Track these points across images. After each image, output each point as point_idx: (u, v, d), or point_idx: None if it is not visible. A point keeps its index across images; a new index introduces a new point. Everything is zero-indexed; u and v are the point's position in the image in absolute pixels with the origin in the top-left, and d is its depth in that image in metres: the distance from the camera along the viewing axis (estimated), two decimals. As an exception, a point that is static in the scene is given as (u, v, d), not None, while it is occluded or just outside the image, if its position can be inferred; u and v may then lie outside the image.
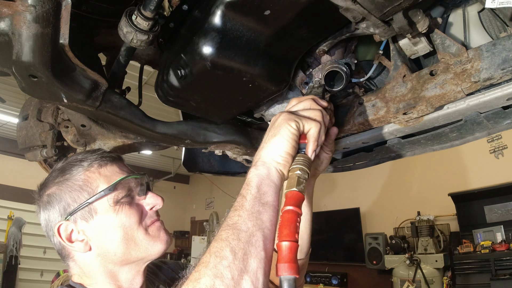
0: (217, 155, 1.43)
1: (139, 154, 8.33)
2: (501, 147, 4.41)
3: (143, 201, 0.88)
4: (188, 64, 0.88)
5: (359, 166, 1.39)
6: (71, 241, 0.81)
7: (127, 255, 0.82)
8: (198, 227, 9.64)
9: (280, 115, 0.72)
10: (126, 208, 0.83)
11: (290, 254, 0.55)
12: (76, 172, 0.84)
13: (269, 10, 0.78)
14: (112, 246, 0.81)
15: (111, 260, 0.82)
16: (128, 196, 0.84)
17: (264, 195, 0.64)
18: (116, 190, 0.82)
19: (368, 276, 5.35)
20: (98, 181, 0.83)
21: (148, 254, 0.84)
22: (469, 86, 0.77)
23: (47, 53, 0.72)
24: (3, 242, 6.29)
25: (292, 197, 0.63)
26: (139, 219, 0.84)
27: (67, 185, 0.83)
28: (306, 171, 0.67)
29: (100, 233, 0.81)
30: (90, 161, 0.85)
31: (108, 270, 0.83)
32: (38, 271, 7.20)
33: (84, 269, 0.84)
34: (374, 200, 5.70)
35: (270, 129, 0.73)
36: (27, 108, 1.43)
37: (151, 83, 1.36)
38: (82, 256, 0.83)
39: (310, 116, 0.73)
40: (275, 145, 0.68)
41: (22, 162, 6.60)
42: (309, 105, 0.77)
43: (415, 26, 0.77)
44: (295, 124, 0.69)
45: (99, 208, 0.81)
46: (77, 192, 0.82)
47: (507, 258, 3.56)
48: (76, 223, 0.81)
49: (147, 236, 0.84)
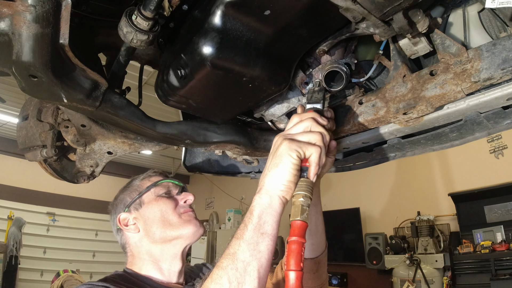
0: (217, 155, 1.43)
1: (139, 154, 8.33)
2: (501, 147, 4.41)
3: (178, 197, 1.15)
4: (188, 64, 0.88)
5: (359, 166, 1.39)
6: (127, 225, 1.08)
7: (164, 233, 1.05)
8: (198, 227, 9.63)
9: (282, 143, 0.74)
10: (164, 199, 1.11)
11: (296, 282, 0.63)
12: (134, 182, 1.17)
13: (269, 10, 0.78)
14: (153, 226, 1.06)
15: (153, 238, 1.06)
16: (167, 193, 1.13)
17: (264, 224, 0.70)
18: (157, 186, 1.13)
19: (368, 276, 5.35)
20: (147, 184, 1.14)
21: (180, 234, 1.07)
22: (469, 86, 0.77)
23: (47, 53, 0.72)
24: (3, 242, 6.28)
25: (297, 227, 0.68)
26: (174, 207, 1.10)
27: (128, 190, 1.15)
28: (309, 197, 0.71)
29: (145, 217, 1.08)
30: (144, 175, 1.19)
31: (151, 250, 1.06)
32: (38, 271, 7.19)
33: (135, 252, 1.08)
34: (374, 200, 5.70)
35: (272, 156, 0.75)
36: (27, 108, 1.43)
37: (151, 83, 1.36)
38: (134, 239, 1.08)
39: (310, 141, 0.75)
40: (277, 175, 0.72)
41: (22, 162, 6.60)
42: (310, 126, 0.79)
43: (415, 26, 0.77)
44: (296, 154, 0.71)
45: (146, 199, 1.10)
46: (133, 193, 1.13)
47: (507, 258, 3.56)
48: (131, 213, 1.09)
49: (180, 219, 1.08)
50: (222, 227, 7.98)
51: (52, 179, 1.60)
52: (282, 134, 0.79)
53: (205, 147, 1.27)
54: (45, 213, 7.63)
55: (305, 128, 0.79)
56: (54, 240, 7.51)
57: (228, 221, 7.72)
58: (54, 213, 7.68)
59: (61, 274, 4.82)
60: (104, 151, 1.36)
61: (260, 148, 1.29)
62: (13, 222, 6.64)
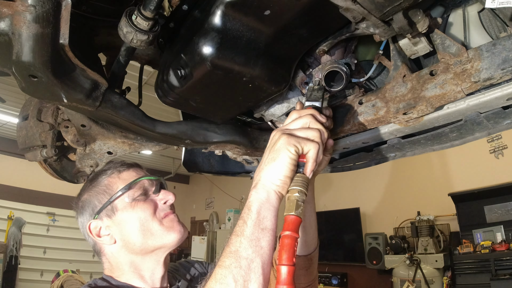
0: (217, 155, 1.43)
1: (139, 154, 8.33)
2: (501, 147, 4.41)
3: (157, 197, 1.01)
4: (188, 64, 0.88)
5: (359, 166, 1.39)
6: (100, 236, 0.96)
7: (145, 244, 0.94)
8: (198, 227, 9.65)
9: (280, 137, 0.73)
10: (141, 203, 0.96)
11: (288, 277, 0.61)
12: (101, 179, 1.00)
13: (269, 10, 0.78)
14: (131, 237, 0.94)
15: (132, 250, 0.95)
16: (144, 195, 0.98)
17: (264, 219, 0.69)
18: (131, 189, 0.97)
19: (368, 276, 5.35)
20: (117, 184, 0.98)
21: (163, 243, 0.96)
22: (469, 86, 0.77)
23: (47, 53, 0.72)
24: (3, 242, 6.29)
25: (291, 222, 0.66)
26: (153, 212, 0.97)
27: (95, 191, 0.99)
28: (304, 192, 0.70)
29: (121, 227, 0.95)
30: (112, 169, 1.02)
31: (132, 260, 0.96)
32: (38, 271, 7.20)
33: (112, 262, 0.97)
34: (374, 200, 5.70)
35: (270, 151, 0.74)
36: (27, 108, 1.43)
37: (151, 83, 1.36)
38: (110, 249, 0.97)
39: (309, 137, 0.74)
40: (275, 169, 0.71)
41: (22, 162, 6.60)
42: (308, 122, 0.78)
43: (415, 26, 0.77)
44: (294, 149, 0.70)
45: (119, 205, 0.96)
46: (102, 195, 0.97)
47: (507, 258, 3.56)
48: (102, 220, 0.96)
49: (161, 226, 0.96)
50: (222, 227, 7.99)
51: (52, 179, 1.60)
52: (280, 129, 0.78)
53: (205, 147, 1.27)
54: (45, 213, 7.63)
55: (304, 124, 0.78)
56: (54, 240, 7.52)
57: (228, 221, 7.72)
58: (54, 213, 7.69)
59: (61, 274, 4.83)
60: (104, 151, 1.36)
61: (260, 148, 1.29)
62: (13, 222, 6.64)
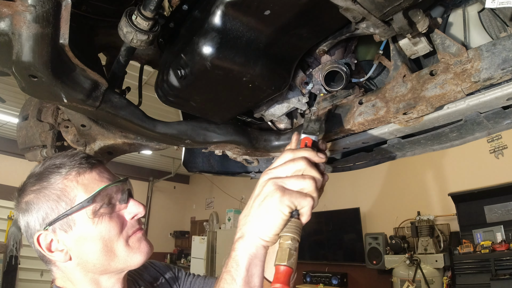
0: (217, 155, 1.43)
1: (139, 154, 8.33)
2: (501, 147, 4.41)
3: (124, 210, 0.85)
4: (188, 64, 0.88)
5: (359, 166, 1.39)
6: (51, 251, 0.81)
7: (106, 266, 0.82)
8: (198, 227, 9.65)
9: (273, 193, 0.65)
10: (106, 220, 0.81)
11: None
12: (53, 180, 0.81)
13: (269, 10, 0.78)
14: (91, 257, 0.80)
15: (90, 269, 0.82)
16: (108, 205, 0.82)
17: (253, 276, 0.66)
18: (94, 201, 0.80)
19: (368, 276, 5.35)
20: (76, 190, 0.80)
21: (127, 266, 0.84)
22: (469, 86, 0.77)
23: (47, 53, 0.72)
24: (3, 242, 6.29)
25: (282, 274, 0.64)
26: (119, 231, 0.82)
27: (45, 194, 0.81)
28: (297, 239, 0.67)
29: (79, 245, 0.80)
30: (68, 168, 0.82)
31: (89, 278, 0.84)
32: (38, 271, 7.19)
33: (67, 275, 0.84)
34: (374, 200, 5.70)
35: (260, 203, 0.67)
36: (27, 108, 1.43)
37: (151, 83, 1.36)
38: (63, 264, 0.83)
39: (303, 190, 0.67)
40: (265, 226, 0.65)
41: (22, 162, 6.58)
42: (302, 169, 0.69)
43: (415, 26, 0.77)
44: (288, 210, 0.64)
45: (78, 219, 0.79)
46: (55, 202, 0.80)
47: (507, 258, 3.56)
48: (55, 233, 0.80)
49: (126, 247, 0.83)
50: (222, 227, 7.99)
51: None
52: (271, 174, 0.70)
53: (205, 147, 1.27)
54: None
55: (297, 171, 0.69)
56: (54, 240, 7.51)
57: (228, 221, 7.72)
58: (54, 213, 7.68)
59: (61, 274, 4.83)
60: (104, 151, 1.36)
61: (260, 148, 1.29)
62: (13, 222, 6.64)
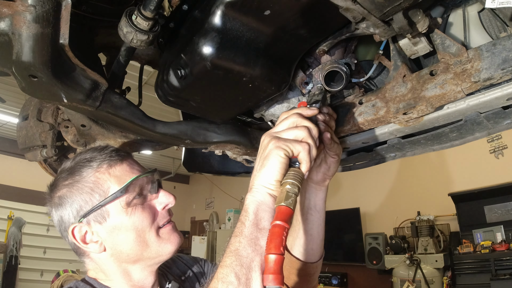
0: (217, 155, 1.43)
1: (139, 154, 8.33)
2: (501, 147, 4.41)
3: (155, 200, 0.90)
4: (188, 64, 0.88)
5: (359, 166, 1.39)
6: (86, 243, 0.84)
7: (139, 255, 0.85)
8: (198, 227, 9.65)
9: (269, 142, 0.72)
10: (139, 210, 0.84)
11: (275, 266, 0.60)
12: (85, 173, 0.85)
13: (269, 10, 0.78)
14: (125, 247, 0.84)
15: (124, 259, 0.86)
16: (140, 196, 0.86)
17: (261, 220, 0.69)
18: (127, 192, 0.83)
19: (368, 276, 5.35)
20: (108, 182, 0.84)
21: (158, 255, 0.88)
22: (469, 86, 0.77)
23: (47, 53, 0.72)
24: (3, 242, 6.29)
25: (280, 212, 0.66)
26: (152, 221, 0.86)
27: (78, 187, 0.84)
28: (296, 184, 0.69)
29: (114, 235, 0.83)
30: (99, 161, 0.86)
31: (122, 268, 0.87)
32: (38, 271, 7.20)
33: (100, 266, 0.87)
34: (374, 200, 5.70)
35: (260, 157, 0.74)
36: (27, 108, 1.43)
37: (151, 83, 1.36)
38: (97, 256, 0.86)
39: (297, 137, 0.73)
40: (266, 174, 0.71)
41: (22, 162, 6.60)
42: (295, 121, 0.76)
43: (415, 26, 0.77)
44: (283, 152, 0.70)
45: (112, 210, 0.83)
46: (88, 194, 0.83)
47: (507, 258, 3.57)
48: (90, 225, 0.83)
49: (157, 238, 0.86)
50: (222, 227, 7.99)
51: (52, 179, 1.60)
52: (269, 132, 0.77)
53: (205, 147, 1.27)
54: (45, 213, 7.54)
55: (291, 124, 0.76)
56: (54, 240, 7.51)
57: (228, 221, 7.72)
58: (54, 213, 7.68)
59: (61, 274, 4.83)
60: (104, 151, 1.36)
61: (260, 148, 1.29)
62: (13, 222, 6.64)
